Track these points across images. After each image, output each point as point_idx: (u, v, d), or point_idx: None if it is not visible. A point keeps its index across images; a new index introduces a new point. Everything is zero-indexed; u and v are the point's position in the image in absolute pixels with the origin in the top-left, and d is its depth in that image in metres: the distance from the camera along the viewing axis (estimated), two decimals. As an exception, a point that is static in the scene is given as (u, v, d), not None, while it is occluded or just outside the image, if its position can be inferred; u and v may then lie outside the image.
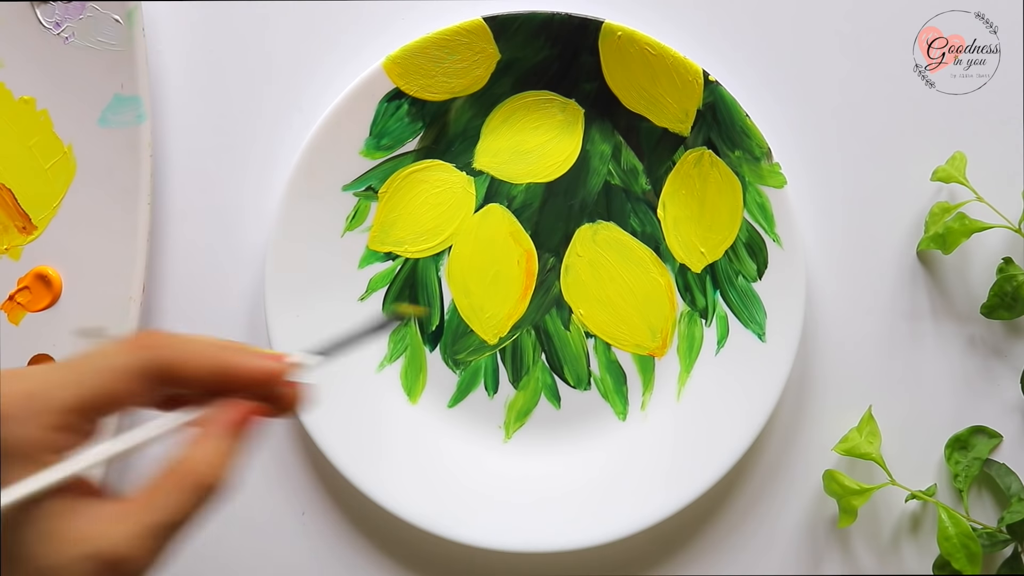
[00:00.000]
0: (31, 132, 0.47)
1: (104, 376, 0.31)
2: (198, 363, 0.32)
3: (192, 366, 0.32)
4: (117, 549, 0.30)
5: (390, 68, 0.46)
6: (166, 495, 0.31)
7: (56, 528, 0.30)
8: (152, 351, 0.32)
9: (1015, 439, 0.49)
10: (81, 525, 0.30)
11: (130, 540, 0.30)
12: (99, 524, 0.30)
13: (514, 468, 0.47)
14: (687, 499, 0.46)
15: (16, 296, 0.47)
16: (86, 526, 0.30)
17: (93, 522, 0.30)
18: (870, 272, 0.49)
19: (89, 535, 0.30)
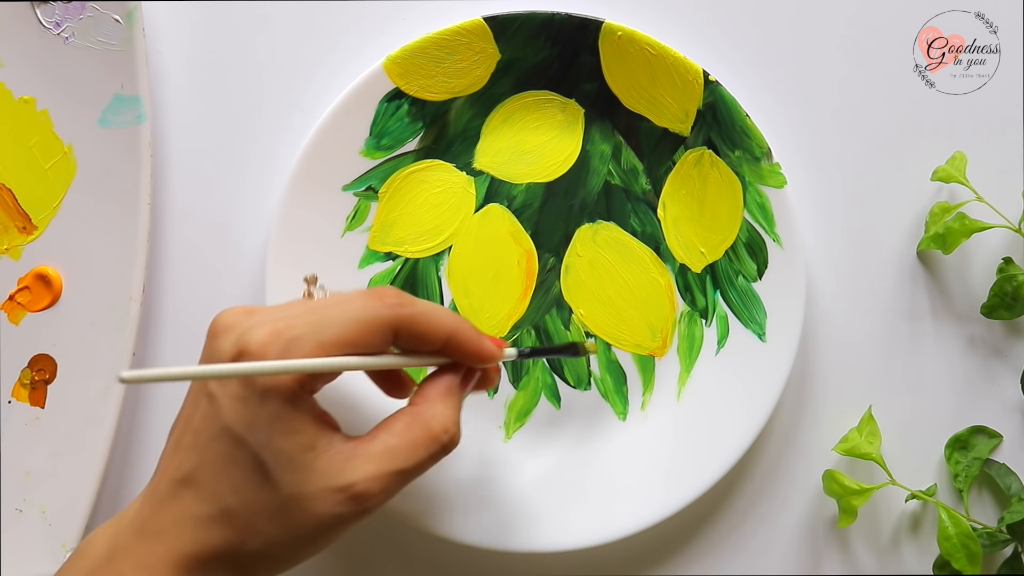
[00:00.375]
0: (31, 132, 0.47)
1: (353, 326, 0.35)
2: (438, 327, 0.37)
3: (432, 328, 0.37)
4: (363, 486, 0.34)
5: (390, 68, 0.46)
6: (409, 447, 0.36)
7: (312, 461, 0.34)
8: (400, 309, 0.36)
9: (1015, 439, 0.49)
10: (335, 460, 0.35)
11: (374, 480, 0.35)
12: (350, 462, 0.35)
13: (514, 468, 0.47)
14: (687, 499, 0.46)
15: (16, 296, 0.47)
16: (340, 462, 0.35)
17: (345, 459, 0.35)
18: (870, 272, 0.49)
19: (342, 470, 0.34)
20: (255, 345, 0.34)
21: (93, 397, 0.46)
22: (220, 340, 0.35)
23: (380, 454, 0.35)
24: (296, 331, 0.34)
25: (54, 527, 0.46)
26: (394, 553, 0.49)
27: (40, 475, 0.46)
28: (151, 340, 0.48)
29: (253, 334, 0.34)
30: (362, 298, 0.36)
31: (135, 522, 0.35)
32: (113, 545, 0.35)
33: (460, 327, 0.37)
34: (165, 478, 0.35)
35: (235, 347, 0.34)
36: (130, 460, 0.48)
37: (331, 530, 0.35)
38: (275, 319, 0.34)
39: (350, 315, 0.35)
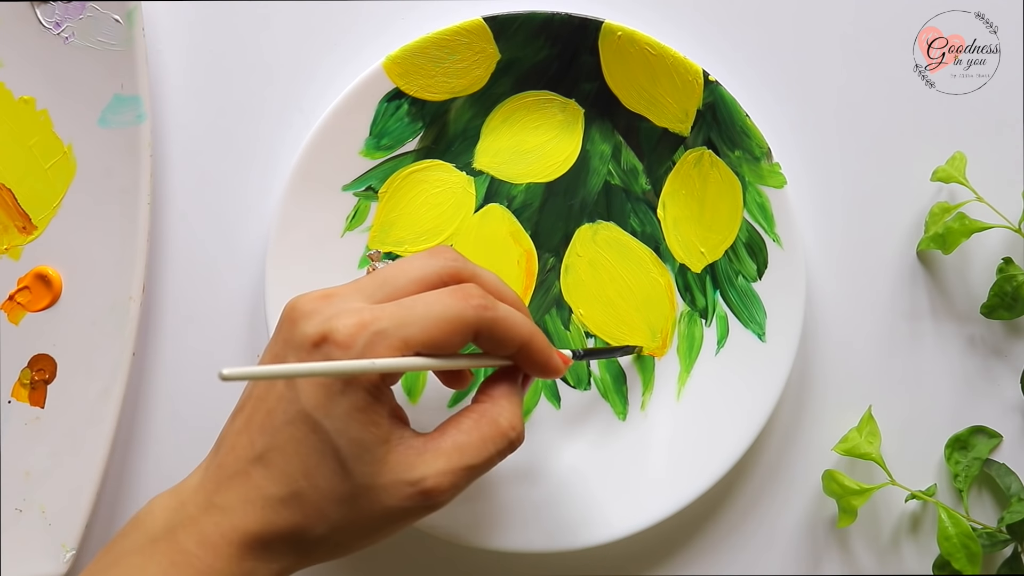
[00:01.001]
0: (31, 132, 0.47)
1: (438, 326, 0.35)
2: (515, 334, 0.37)
3: (511, 335, 0.37)
4: (433, 481, 0.35)
5: (390, 68, 0.46)
6: (479, 444, 0.36)
7: (386, 454, 0.35)
8: (484, 312, 0.36)
9: (1015, 439, 0.49)
10: (408, 455, 0.35)
11: (444, 476, 0.35)
12: (421, 457, 0.35)
13: (514, 468, 0.47)
14: (687, 499, 0.46)
15: (16, 296, 0.47)
16: (412, 457, 0.35)
17: (417, 455, 0.35)
18: (870, 272, 0.49)
19: (414, 464, 0.35)
20: (342, 335, 0.34)
21: (93, 397, 0.46)
22: (302, 325, 0.35)
23: (450, 450, 0.36)
24: (382, 324, 0.34)
25: (54, 527, 0.46)
26: (393, 553, 0.49)
27: (40, 475, 0.46)
28: (151, 340, 0.48)
29: (339, 322, 0.34)
30: (449, 296, 0.36)
31: (198, 496, 0.35)
32: (174, 518, 0.35)
33: (534, 337, 0.38)
34: (233, 455, 0.35)
35: (319, 333, 0.34)
36: (130, 460, 0.48)
37: (398, 522, 0.36)
38: (360, 309, 0.35)
39: (436, 314, 0.35)
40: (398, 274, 0.37)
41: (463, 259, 0.39)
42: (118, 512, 0.48)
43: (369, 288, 0.37)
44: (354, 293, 0.36)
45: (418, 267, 0.37)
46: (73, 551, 0.46)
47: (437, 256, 0.38)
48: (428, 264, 0.37)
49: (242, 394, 0.37)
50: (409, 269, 0.37)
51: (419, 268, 0.37)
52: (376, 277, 0.37)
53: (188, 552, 0.34)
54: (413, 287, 0.37)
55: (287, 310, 0.36)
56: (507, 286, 0.40)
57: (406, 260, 0.38)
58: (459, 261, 0.38)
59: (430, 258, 0.38)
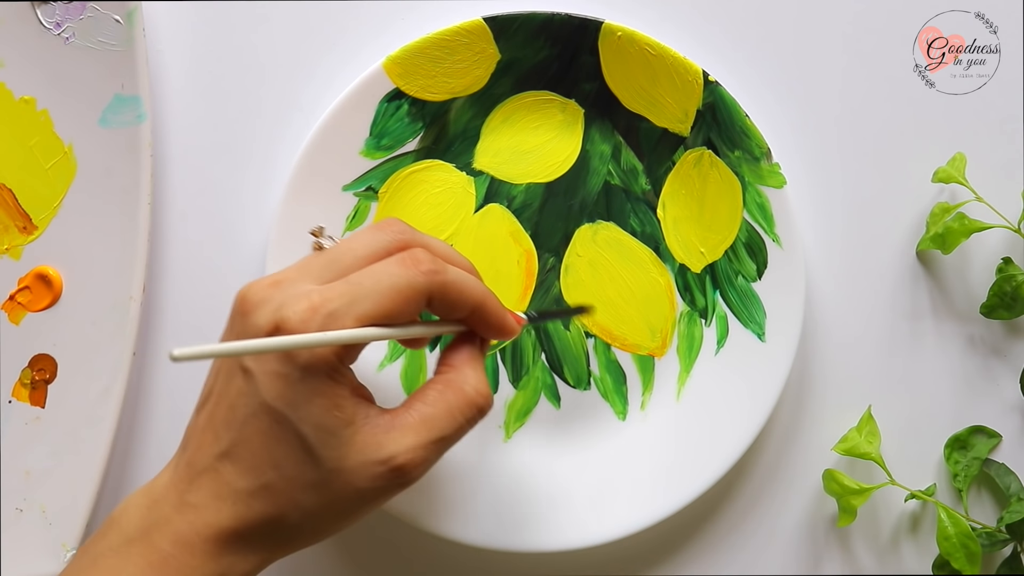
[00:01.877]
0: (31, 132, 0.47)
1: (390, 297, 0.35)
2: (468, 296, 0.37)
3: (463, 297, 0.37)
4: (404, 458, 0.35)
5: (390, 68, 0.46)
6: (447, 415, 0.36)
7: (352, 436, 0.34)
8: (434, 276, 0.35)
9: (1015, 439, 0.49)
10: (375, 433, 0.35)
11: (414, 451, 0.35)
12: (389, 434, 0.35)
13: (514, 468, 0.47)
14: (687, 499, 0.46)
15: (16, 296, 0.47)
16: (380, 435, 0.35)
17: (384, 432, 0.35)
18: (870, 272, 0.49)
19: (382, 443, 0.35)
20: (294, 321, 0.33)
21: (93, 397, 0.46)
22: (254, 316, 0.34)
23: (418, 424, 0.35)
24: (333, 305, 0.34)
25: (54, 527, 0.46)
26: (394, 553, 0.49)
27: (40, 475, 0.46)
28: (151, 340, 0.48)
29: (290, 309, 0.34)
30: (396, 266, 0.35)
31: (170, 495, 0.35)
32: (148, 519, 0.35)
33: (487, 299, 0.38)
34: (200, 452, 0.35)
35: (271, 322, 0.34)
36: (130, 460, 0.48)
37: (372, 502, 0.35)
38: (309, 292, 0.34)
39: (386, 285, 0.35)
40: (345, 252, 0.36)
41: (411, 230, 0.38)
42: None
43: (316, 269, 0.36)
44: (302, 276, 0.36)
45: (365, 243, 0.37)
46: (73, 551, 0.46)
47: (384, 230, 0.37)
48: (375, 239, 0.37)
49: (202, 391, 0.37)
50: (356, 246, 0.36)
51: (366, 244, 0.36)
52: (323, 257, 0.36)
53: (164, 552, 0.34)
54: (361, 264, 0.36)
55: (237, 301, 0.36)
56: (458, 253, 0.39)
57: (352, 237, 0.37)
58: (407, 232, 0.37)
59: (377, 232, 0.37)
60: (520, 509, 0.46)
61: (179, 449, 0.37)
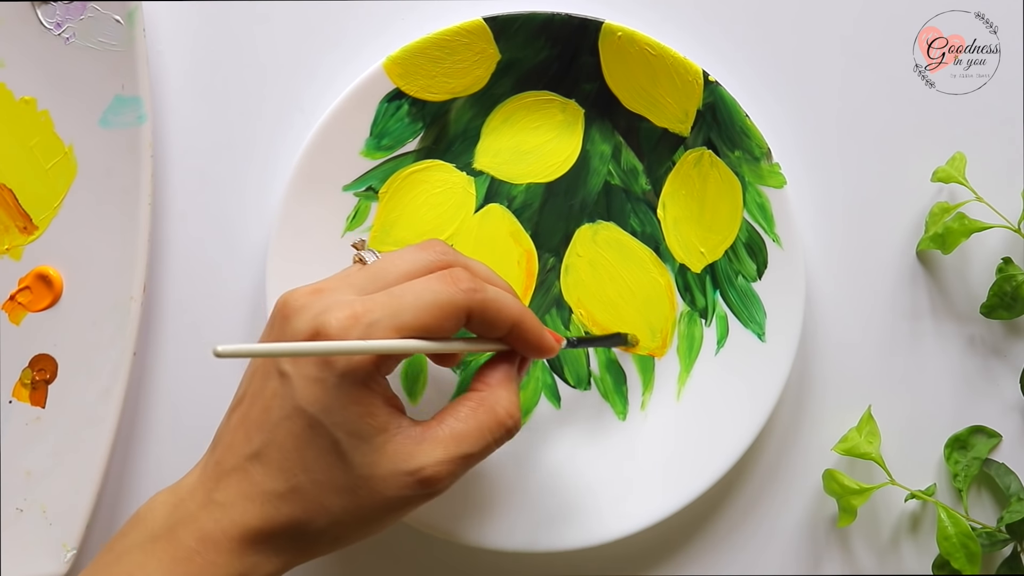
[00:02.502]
0: (32, 132, 0.47)
1: (430, 312, 0.35)
2: (506, 315, 0.37)
3: (502, 316, 0.37)
4: (432, 470, 0.35)
5: (390, 68, 0.46)
6: (476, 433, 0.36)
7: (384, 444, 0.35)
8: (473, 295, 0.36)
9: (1014, 439, 0.49)
10: (406, 444, 0.35)
11: (442, 464, 0.35)
12: (420, 446, 0.35)
13: (514, 468, 0.47)
14: (687, 499, 0.46)
15: (17, 296, 0.47)
16: (410, 446, 0.35)
17: (415, 444, 0.35)
18: (870, 272, 0.49)
19: (412, 454, 0.35)
20: (335, 328, 0.34)
21: (93, 397, 0.46)
22: (294, 321, 0.35)
23: (448, 439, 0.36)
24: (375, 315, 0.34)
25: (54, 527, 0.46)
26: (394, 553, 0.49)
27: (40, 475, 0.46)
28: (152, 340, 0.48)
29: (331, 316, 0.34)
30: (438, 282, 0.36)
31: (197, 494, 0.35)
32: (174, 515, 0.35)
33: (525, 317, 0.38)
34: (231, 452, 0.35)
35: (312, 328, 0.34)
36: (130, 460, 0.48)
37: (397, 511, 0.36)
38: (351, 301, 0.35)
39: (427, 300, 0.35)
40: (388, 268, 0.37)
41: (453, 251, 0.39)
42: (118, 512, 0.48)
43: (359, 282, 0.37)
44: (344, 287, 0.36)
45: (408, 260, 0.37)
46: (74, 551, 0.46)
47: (427, 249, 0.38)
48: (418, 257, 0.38)
49: (236, 391, 0.37)
50: (400, 262, 0.37)
51: (409, 261, 0.37)
52: (366, 271, 0.37)
53: (189, 548, 0.34)
54: (403, 279, 0.37)
55: (279, 306, 0.36)
56: (497, 275, 0.40)
57: (396, 253, 0.38)
58: (449, 254, 0.38)
59: (420, 251, 0.38)
60: (519, 509, 0.46)
61: (209, 449, 0.37)
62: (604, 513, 0.46)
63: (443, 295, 0.36)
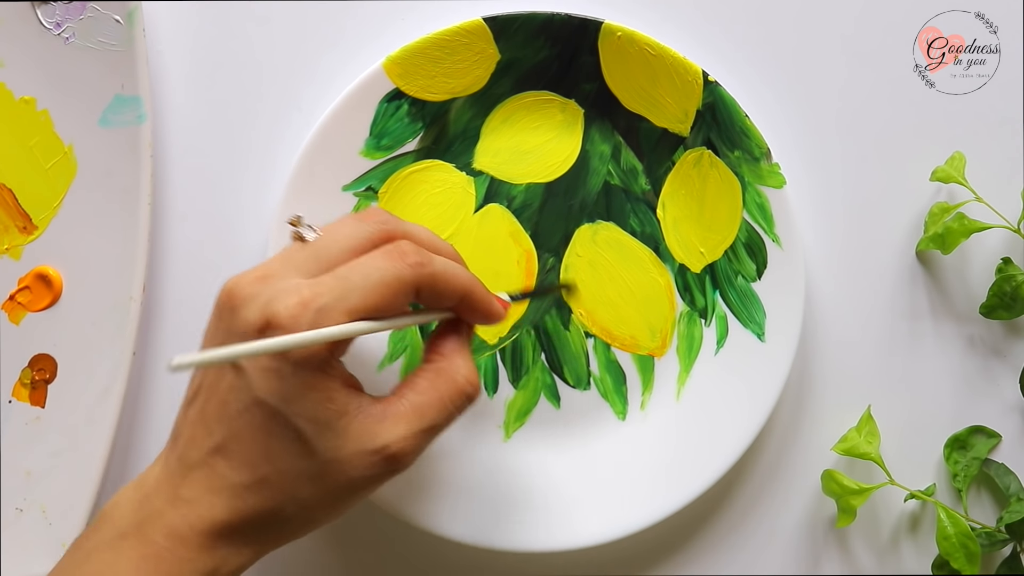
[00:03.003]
0: (32, 132, 0.47)
1: (378, 291, 0.35)
2: (455, 285, 0.37)
3: (451, 287, 0.37)
4: (397, 447, 0.35)
5: (390, 68, 0.46)
6: (437, 403, 0.36)
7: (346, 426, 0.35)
8: (421, 269, 0.36)
9: (1014, 439, 0.49)
10: (368, 423, 0.35)
11: (406, 439, 0.35)
12: (382, 424, 0.35)
13: (514, 468, 0.47)
14: (687, 499, 0.46)
15: (16, 296, 0.47)
16: (372, 425, 0.35)
17: (376, 422, 0.35)
18: (870, 272, 0.49)
19: (376, 433, 0.35)
20: (285, 317, 0.33)
21: (93, 397, 0.46)
22: (243, 311, 0.34)
23: (410, 413, 0.36)
24: (323, 300, 0.34)
25: (54, 527, 0.46)
26: (393, 553, 0.49)
27: (40, 475, 0.46)
28: (152, 340, 0.48)
29: (279, 304, 0.34)
30: (383, 259, 0.36)
31: (162, 489, 0.35)
32: (140, 512, 0.35)
33: (474, 287, 0.38)
34: (193, 446, 0.35)
35: (261, 318, 0.34)
36: (130, 460, 0.48)
37: (364, 489, 0.36)
38: (298, 287, 0.34)
39: (375, 280, 0.35)
40: (330, 244, 0.36)
41: (393, 218, 0.38)
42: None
43: (301, 262, 0.36)
44: (288, 270, 0.36)
45: (348, 234, 0.37)
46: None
47: (367, 219, 0.37)
48: (359, 229, 0.37)
49: (189, 384, 0.37)
50: (340, 238, 0.37)
51: (350, 235, 0.37)
52: (308, 250, 0.36)
53: (158, 545, 0.34)
54: (347, 255, 0.36)
55: (223, 296, 0.36)
56: (440, 239, 0.39)
57: (335, 227, 0.37)
58: (389, 222, 0.38)
59: (360, 223, 0.37)
60: (520, 509, 0.46)
61: (169, 443, 0.37)
62: (604, 513, 0.46)
63: (390, 272, 0.35)
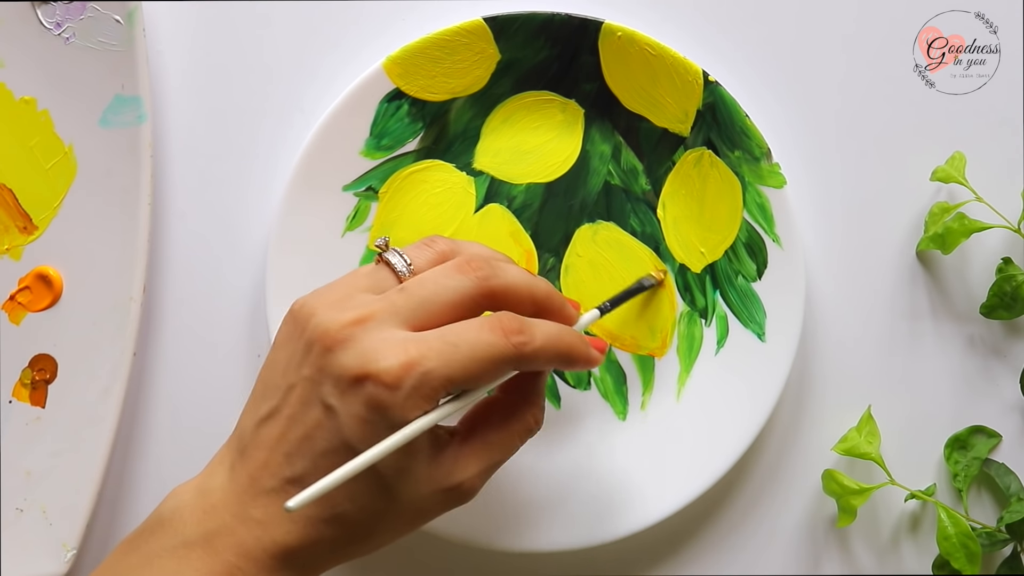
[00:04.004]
0: (32, 132, 0.47)
1: (482, 364, 0.35)
2: (551, 355, 0.37)
3: (546, 357, 0.37)
4: (468, 483, 0.37)
5: (390, 68, 0.46)
6: (507, 440, 0.38)
7: (426, 469, 0.36)
8: (526, 348, 0.36)
9: (1014, 439, 0.49)
10: (445, 464, 0.36)
11: (478, 476, 0.37)
12: (456, 463, 0.37)
13: (514, 468, 0.47)
14: (687, 499, 0.46)
15: (17, 296, 0.47)
16: (448, 464, 0.36)
17: (452, 461, 0.37)
18: (870, 272, 0.49)
19: (451, 472, 0.36)
20: (389, 377, 0.33)
21: (93, 397, 0.46)
22: (340, 356, 0.34)
23: (482, 451, 0.37)
24: (430, 363, 0.34)
25: (55, 527, 0.46)
26: (393, 553, 0.49)
27: (40, 475, 0.46)
28: (152, 340, 0.48)
29: (383, 360, 0.34)
30: (490, 333, 0.35)
31: (230, 503, 0.35)
32: (208, 523, 0.35)
33: (572, 347, 0.38)
34: (268, 471, 0.35)
35: (361, 370, 0.34)
36: (130, 460, 0.48)
37: (429, 518, 0.37)
38: (404, 344, 0.34)
39: (480, 354, 0.35)
40: (433, 297, 0.36)
41: (491, 270, 0.37)
42: (118, 512, 0.48)
43: (404, 309, 0.35)
44: (391, 316, 0.35)
45: (454, 288, 0.36)
46: (74, 551, 0.46)
47: (467, 273, 0.37)
48: (462, 285, 0.36)
49: (265, 395, 0.36)
50: (443, 292, 0.36)
51: (454, 291, 0.36)
52: (411, 297, 0.36)
53: (229, 563, 0.34)
54: (450, 312, 0.36)
55: (318, 333, 0.35)
56: (533, 281, 0.38)
57: (438, 277, 0.36)
58: (490, 278, 0.37)
59: (461, 275, 0.36)
60: (520, 509, 0.46)
61: (235, 450, 0.36)
62: (604, 513, 0.46)
63: (495, 349, 0.35)
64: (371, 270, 0.38)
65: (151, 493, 0.48)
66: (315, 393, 0.35)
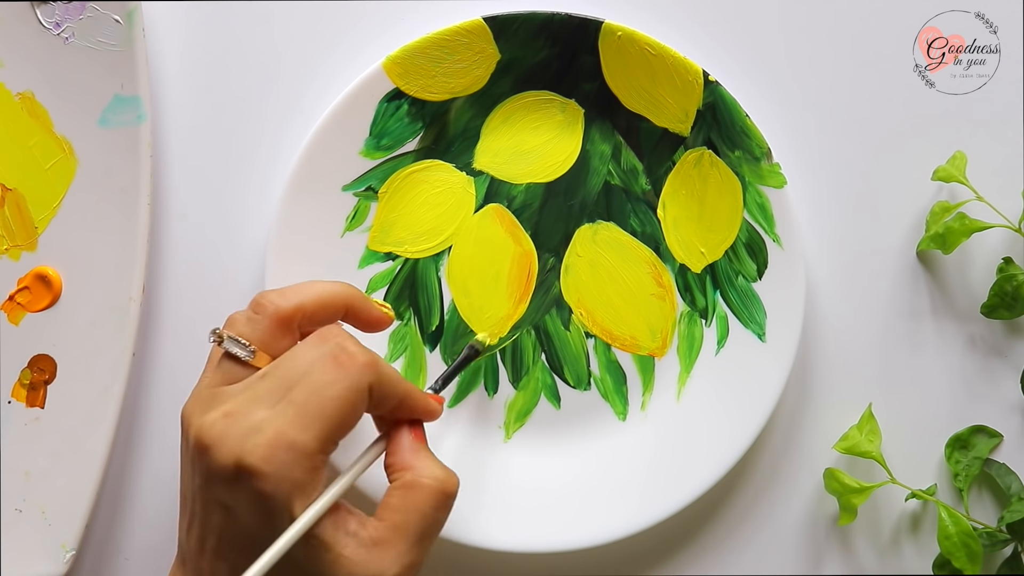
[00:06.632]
0: (31, 132, 0.47)
1: (343, 411, 0.35)
2: (394, 390, 0.37)
3: (390, 392, 0.37)
4: (391, 571, 0.35)
5: (390, 68, 0.46)
6: (418, 517, 0.36)
7: (338, 560, 0.34)
8: (369, 369, 0.36)
9: (1015, 439, 0.49)
10: (359, 556, 0.35)
11: (400, 561, 0.35)
12: (371, 553, 0.35)
13: (514, 468, 0.47)
14: (688, 499, 0.46)
15: (16, 296, 0.47)
16: (364, 555, 0.35)
17: (367, 551, 0.35)
18: (870, 272, 0.49)
19: (366, 563, 0.35)
20: (259, 464, 0.33)
21: (93, 397, 0.46)
22: (214, 455, 0.34)
23: (393, 535, 0.36)
24: (291, 435, 0.34)
25: (54, 527, 0.46)
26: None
27: (40, 475, 0.46)
28: (151, 340, 0.48)
29: (253, 453, 0.33)
30: (334, 373, 0.35)
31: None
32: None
33: (411, 393, 0.38)
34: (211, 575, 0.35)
35: (235, 463, 0.34)
36: (130, 460, 0.48)
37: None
38: (261, 424, 0.34)
39: (336, 401, 0.35)
40: (292, 371, 0.36)
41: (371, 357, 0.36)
42: (118, 512, 0.48)
43: (266, 394, 0.35)
44: (252, 404, 0.35)
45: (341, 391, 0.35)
46: (73, 551, 0.46)
47: (347, 368, 0.36)
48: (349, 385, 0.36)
49: (182, 503, 0.37)
50: (302, 364, 0.35)
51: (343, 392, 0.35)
52: (272, 380, 0.35)
53: None
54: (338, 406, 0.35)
55: (193, 437, 0.35)
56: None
57: (296, 355, 0.36)
58: (371, 368, 0.36)
59: (340, 373, 0.35)
60: (520, 510, 0.46)
61: (179, 562, 0.37)
62: (604, 513, 0.46)
63: (351, 388, 0.35)
64: (219, 366, 0.37)
65: (151, 494, 0.48)
66: (211, 497, 0.35)
